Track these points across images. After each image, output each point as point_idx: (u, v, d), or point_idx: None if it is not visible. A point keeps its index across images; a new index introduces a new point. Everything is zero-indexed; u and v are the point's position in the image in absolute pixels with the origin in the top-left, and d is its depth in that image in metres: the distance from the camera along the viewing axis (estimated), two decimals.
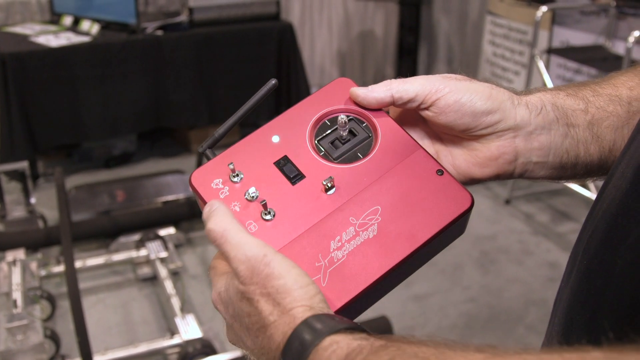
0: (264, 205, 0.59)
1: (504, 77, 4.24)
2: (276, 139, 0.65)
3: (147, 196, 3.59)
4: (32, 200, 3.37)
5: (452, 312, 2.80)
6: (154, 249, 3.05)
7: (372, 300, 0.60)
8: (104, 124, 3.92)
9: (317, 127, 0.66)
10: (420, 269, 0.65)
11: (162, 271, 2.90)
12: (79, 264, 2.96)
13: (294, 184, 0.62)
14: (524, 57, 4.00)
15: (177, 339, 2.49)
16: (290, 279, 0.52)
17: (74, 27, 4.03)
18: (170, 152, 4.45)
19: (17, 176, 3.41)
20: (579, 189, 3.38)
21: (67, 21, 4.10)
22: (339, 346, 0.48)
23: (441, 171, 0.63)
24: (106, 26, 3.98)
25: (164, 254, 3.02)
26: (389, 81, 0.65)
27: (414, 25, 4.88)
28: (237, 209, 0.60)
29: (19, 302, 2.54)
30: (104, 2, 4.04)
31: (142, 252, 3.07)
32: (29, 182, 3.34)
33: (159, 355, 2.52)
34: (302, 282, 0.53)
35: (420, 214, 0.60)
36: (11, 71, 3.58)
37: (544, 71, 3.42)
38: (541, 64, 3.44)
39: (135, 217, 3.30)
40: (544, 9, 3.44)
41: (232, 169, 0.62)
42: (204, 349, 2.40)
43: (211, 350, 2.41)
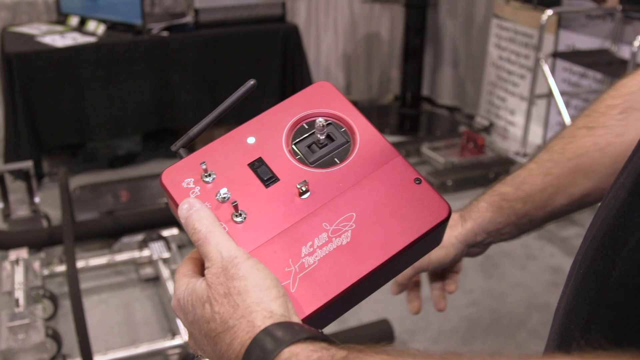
0: (235, 206, 0.58)
1: (510, 81, 4.23)
2: (252, 140, 0.64)
3: (151, 197, 3.59)
4: (36, 199, 3.38)
5: (454, 316, 2.80)
6: (156, 250, 3.05)
7: (343, 309, 0.59)
8: (109, 124, 3.93)
9: (295, 130, 0.65)
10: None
11: (165, 272, 2.90)
12: (82, 264, 2.96)
13: (267, 187, 0.61)
14: (529, 61, 3.99)
15: (178, 340, 2.49)
16: (251, 281, 0.52)
17: (80, 28, 4.04)
18: (174, 153, 4.44)
19: (21, 175, 3.42)
20: None
21: (74, 21, 4.11)
22: (297, 359, 0.47)
23: (419, 180, 0.61)
24: (112, 27, 3.99)
25: (167, 255, 3.02)
26: None
27: (420, 27, 4.87)
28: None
29: (21, 301, 2.55)
30: (110, 3, 4.05)
31: (145, 252, 3.07)
32: (33, 182, 3.35)
33: (160, 355, 2.52)
34: (264, 285, 0.52)
35: (395, 222, 0.59)
36: (17, 71, 3.59)
37: (549, 75, 3.41)
38: (546, 68, 3.43)
39: (138, 218, 3.31)
40: (550, 12, 3.43)
41: (205, 169, 0.61)
42: None
43: None
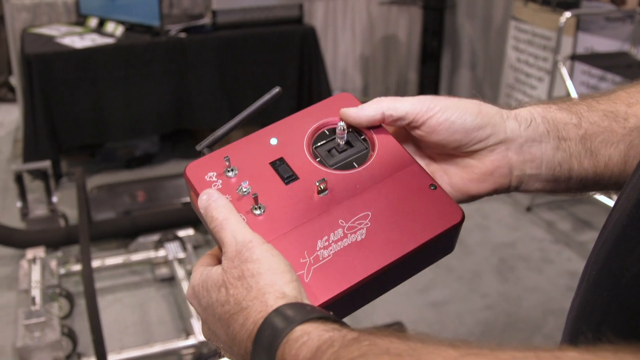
0: (255, 199, 0.60)
1: (527, 83, 4.20)
2: (274, 142, 0.66)
3: (168, 197, 3.61)
4: (54, 199, 3.41)
5: (469, 319, 2.78)
6: (172, 250, 3.07)
7: (353, 305, 0.60)
8: (126, 125, 3.95)
9: (316, 135, 0.67)
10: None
11: (180, 272, 2.92)
12: (98, 263, 2.99)
13: (287, 184, 0.63)
14: (547, 64, 3.96)
15: (192, 340, 2.50)
16: (265, 264, 0.53)
17: (99, 29, 4.08)
18: (191, 153, 4.45)
19: (39, 175, 3.45)
20: (601, 197, 3.33)
21: (93, 23, 4.15)
22: (309, 337, 0.47)
23: (434, 185, 0.64)
24: (130, 28, 4.03)
25: (182, 255, 3.04)
26: (379, 99, 0.67)
27: (438, 30, 4.86)
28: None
29: (38, 299, 2.57)
30: (128, 4, 4.08)
31: (161, 252, 3.09)
32: (51, 182, 3.38)
33: (174, 355, 2.53)
34: (278, 269, 0.53)
35: (409, 223, 0.61)
36: (36, 72, 3.63)
37: (567, 78, 3.38)
38: (564, 71, 3.40)
39: (154, 218, 3.33)
40: (568, 14, 3.41)
41: (228, 164, 0.63)
42: (218, 350, 2.41)
43: None
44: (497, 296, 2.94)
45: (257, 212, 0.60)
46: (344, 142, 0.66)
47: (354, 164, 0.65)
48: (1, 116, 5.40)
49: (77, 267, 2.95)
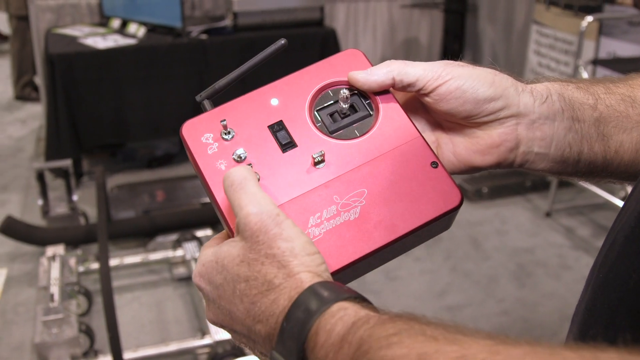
0: (250, 167, 0.58)
1: None
2: (275, 102, 0.64)
3: (186, 197, 3.64)
4: (75, 197, 3.45)
5: (485, 324, 2.76)
6: (190, 250, 3.08)
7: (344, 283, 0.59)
8: (147, 125, 3.99)
9: (319, 97, 0.64)
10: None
11: None
12: (117, 262, 3.01)
13: (284, 152, 0.61)
14: (569, 68, 3.92)
15: (207, 339, 2.51)
16: (298, 244, 0.51)
17: (122, 30, 4.12)
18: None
19: (61, 174, 3.50)
20: (622, 203, 3.29)
21: (116, 24, 4.19)
22: (346, 313, 0.47)
23: (436, 163, 0.61)
24: (152, 29, 4.06)
25: None
26: (390, 62, 0.64)
27: (459, 33, 4.84)
28: (223, 168, 0.60)
29: (56, 296, 2.60)
30: (151, 6, 4.12)
31: (179, 252, 3.11)
32: (72, 180, 3.42)
33: (189, 354, 2.55)
34: (310, 250, 0.52)
35: (405, 204, 0.59)
36: (59, 72, 3.67)
37: None
38: (585, 75, 3.37)
39: (173, 218, 3.35)
40: (590, 19, 3.38)
41: (225, 126, 0.61)
42: (233, 350, 2.42)
43: (240, 352, 2.42)
44: (513, 301, 2.92)
45: None
46: (347, 107, 0.63)
47: (356, 131, 0.62)
48: (25, 115, 5.48)
49: (95, 265, 2.98)
